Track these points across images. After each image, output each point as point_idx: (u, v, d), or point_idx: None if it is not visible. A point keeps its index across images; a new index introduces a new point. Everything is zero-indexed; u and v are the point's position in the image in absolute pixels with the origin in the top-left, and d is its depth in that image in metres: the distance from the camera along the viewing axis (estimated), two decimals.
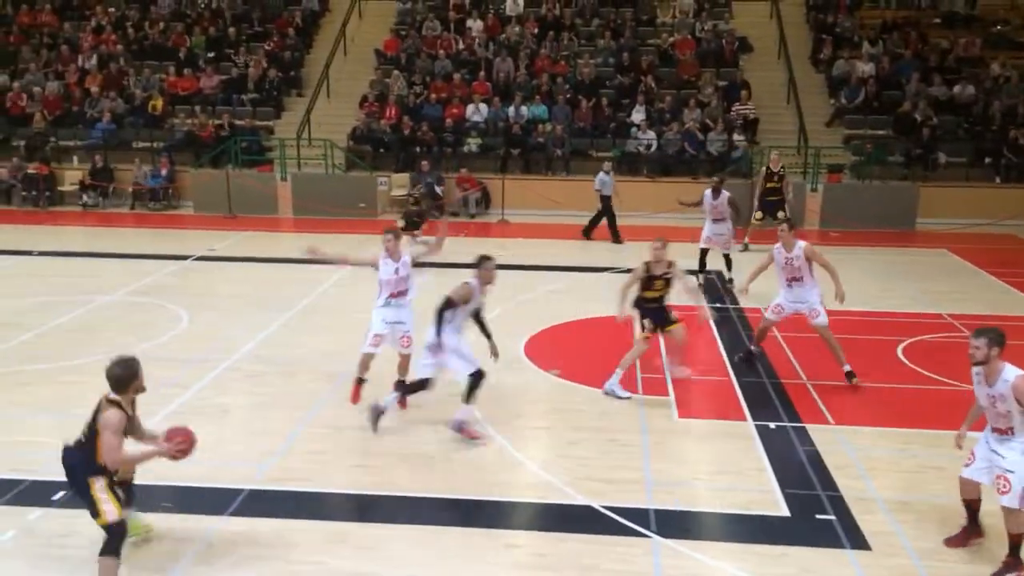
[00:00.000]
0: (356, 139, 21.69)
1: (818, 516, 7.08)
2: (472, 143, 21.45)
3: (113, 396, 5.99)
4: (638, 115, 21.46)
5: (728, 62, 23.26)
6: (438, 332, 8.33)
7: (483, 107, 22.04)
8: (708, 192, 14.49)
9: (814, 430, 8.69)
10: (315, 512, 7.19)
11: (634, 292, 9.67)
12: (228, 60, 24.52)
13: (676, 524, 6.98)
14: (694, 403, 9.50)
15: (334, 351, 10.98)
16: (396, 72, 23.14)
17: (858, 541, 6.71)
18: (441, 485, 7.61)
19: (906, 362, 10.74)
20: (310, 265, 15.04)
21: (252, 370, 10.33)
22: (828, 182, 19.81)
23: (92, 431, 5.96)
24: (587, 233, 17.95)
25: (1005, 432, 6.25)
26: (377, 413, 8.53)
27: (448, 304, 8.38)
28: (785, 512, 7.18)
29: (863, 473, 7.81)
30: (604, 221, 17.81)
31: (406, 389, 8.89)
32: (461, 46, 24.31)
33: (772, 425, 8.83)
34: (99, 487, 5.92)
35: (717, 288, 14.20)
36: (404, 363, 9.17)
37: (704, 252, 14.39)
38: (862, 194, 19.21)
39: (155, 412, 9.10)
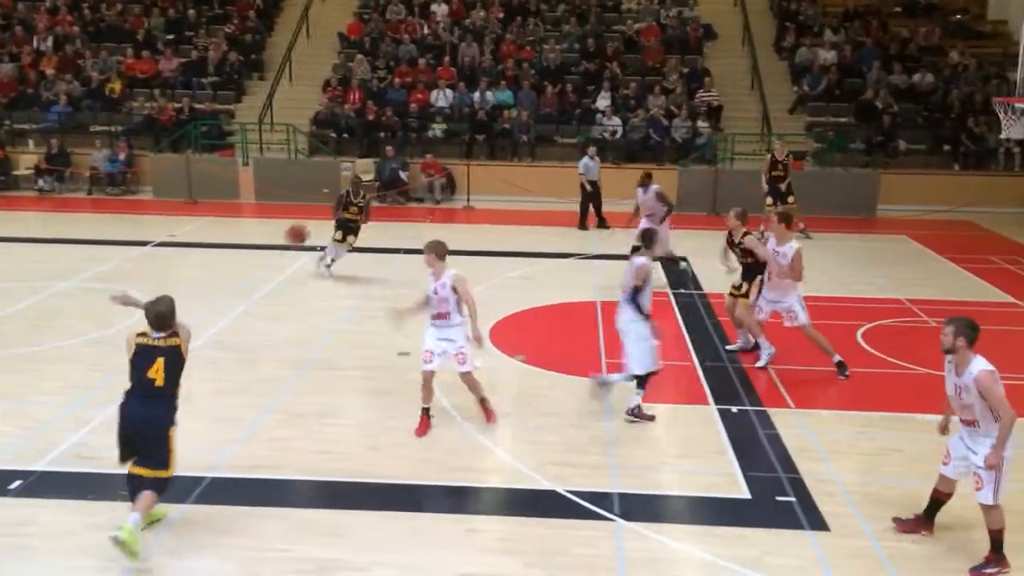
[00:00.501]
0: (319, 124, 21.48)
1: (778, 498, 7.18)
2: (437, 128, 21.33)
3: (159, 334, 6.22)
4: (603, 101, 21.49)
5: (693, 49, 23.36)
6: (646, 316, 8.46)
7: (448, 92, 21.92)
8: (639, 188, 14.17)
9: (775, 414, 8.80)
10: (280, 499, 7.14)
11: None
12: (188, 43, 24.12)
13: (639, 507, 7.04)
14: (658, 388, 9.54)
15: (297, 338, 10.90)
16: (360, 56, 22.92)
17: (817, 522, 6.82)
18: (407, 471, 7.59)
19: (866, 346, 10.90)
20: (272, 251, 14.92)
21: (213, 357, 10.21)
22: (792, 169, 19.96)
23: (172, 373, 6.14)
24: (582, 225, 17.70)
25: (971, 424, 6.27)
26: (604, 385, 8.57)
27: (637, 290, 8.47)
28: (746, 495, 7.27)
29: (823, 456, 7.92)
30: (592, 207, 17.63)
31: (641, 382, 8.62)
32: (426, 31, 24.14)
33: (734, 409, 8.92)
34: (175, 439, 6.23)
35: (681, 272, 14.27)
36: (467, 382, 8.47)
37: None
38: (824, 181, 19.41)
39: (113, 400, 8.96)
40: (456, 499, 7.20)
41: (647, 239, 9.00)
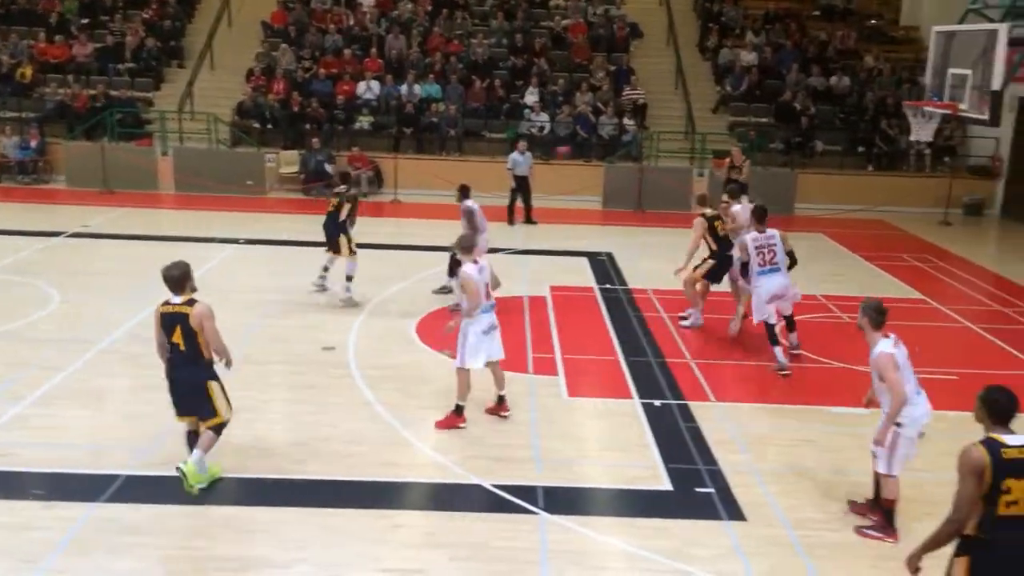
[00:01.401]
0: (242, 114, 21.02)
1: (698, 489, 7.34)
2: (364, 121, 21.10)
3: (178, 299, 6.77)
4: (531, 97, 21.56)
5: (619, 47, 23.61)
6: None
7: (375, 84, 21.70)
8: None
9: (696, 407, 8.99)
10: (198, 497, 6.96)
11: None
12: (103, 27, 23.33)
13: (563, 500, 7.12)
14: (583, 382, 9.67)
15: (221, 330, 10.64)
16: (284, 46, 22.51)
17: (735, 512, 7.00)
18: (330, 467, 7.52)
19: (784, 342, 11.17)
20: (195, 242, 14.57)
21: (131, 351, 9.92)
22: (714, 167, 20.41)
23: (189, 337, 6.67)
24: (509, 220, 17.66)
25: (881, 404, 6.63)
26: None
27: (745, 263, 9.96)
28: (668, 486, 7.42)
29: (741, 447, 8.13)
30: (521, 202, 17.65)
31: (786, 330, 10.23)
32: (352, 21, 23.84)
33: (657, 403, 9.08)
34: (216, 389, 6.86)
35: (606, 268, 14.45)
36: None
37: None
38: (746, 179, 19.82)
39: (23, 395, 8.67)
40: (380, 494, 7.15)
41: None
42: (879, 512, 6.79)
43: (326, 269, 12.40)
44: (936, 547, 4.80)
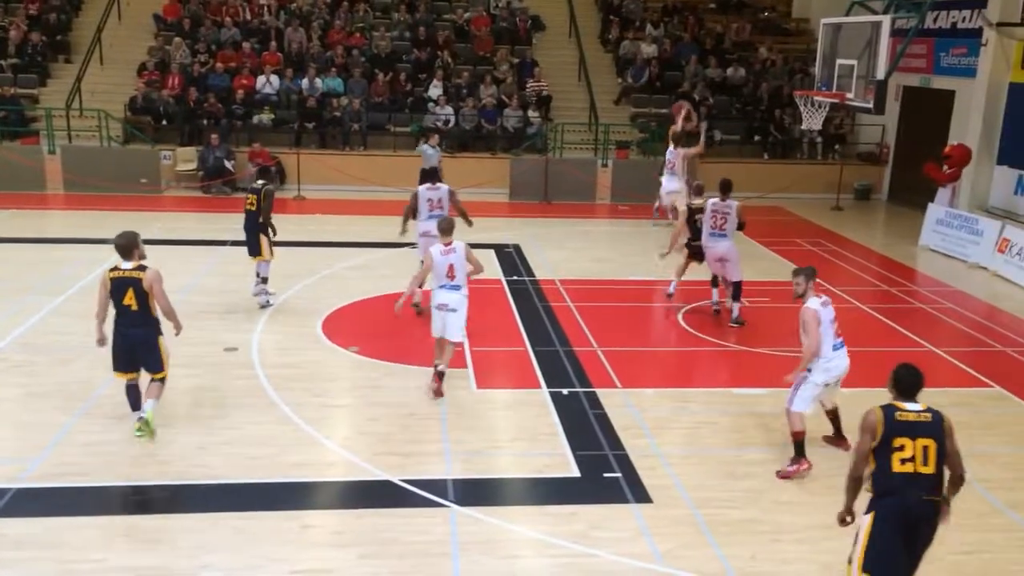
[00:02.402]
0: (135, 110, 20.28)
1: (605, 475, 7.47)
2: (264, 116, 20.62)
3: (128, 264, 7.51)
4: (435, 90, 21.45)
5: (522, 40, 23.71)
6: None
7: (275, 79, 21.23)
8: None
9: (603, 394, 9.13)
10: (95, 507, 6.75)
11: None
12: None
13: (473, 492, 7.15)
14: (491, 374, 9.71)
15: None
16: (178, 39, 21.79)
17: (641, 495, 7.15)
18: (235, 470, 7.35)
19: (686, 327, 11.49)
20: (87, 244, 14.00)
21: (18, 359, 9.50)
22: (617, 158, 20.74)
23: (141, 298, 7.43)
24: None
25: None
26: None
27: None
28: (576, 473, 7.52)
29: (646, 432, 8.30)
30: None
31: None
32: (249, 14, 23.26)
33: (565, 391, 9.19)
34: (164, 345, 7.68)
35: (513, 260, 14.52)
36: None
37: None
38: (648, 169, 20.17)
39: None
40: (288, 495, 7.04)
41: None
42: (794, 455, 7.63)
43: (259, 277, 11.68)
44: (849, 500, 5.52)
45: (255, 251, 11.46)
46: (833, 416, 8.13)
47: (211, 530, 6.48)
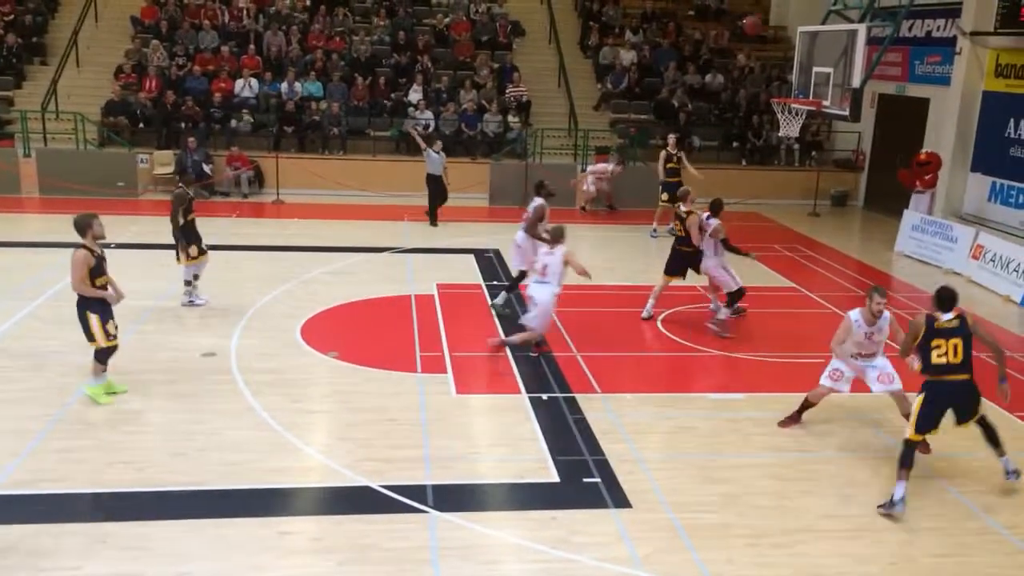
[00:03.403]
0: (111, 113, 20.10)
1: (585, 479, 7.49)
2: (243, 120, 20.52)
3: (80, 242, 8.23)
4: (415, 95, 21.45)
5: (502, 45, 23.76)
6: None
7: (253, 82, 21.13)
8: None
9: (583, 399, 9.16)
10: (70, 515, 6.68)
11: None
12: None
13: (453, 498, 7.14)
14: (471, 379, 9.71)
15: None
16: (155, 42, 21.65)
17: (620, 500, 7.18)
18: (214, 477, 7.30)
19: (665, 332, 11.54)
20: (63, 248, 13.83)
21: None
22: (596, 163, 20.78)
23: (73, 275, 8.22)
24: (431, 218, 17.46)
25: None
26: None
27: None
28: (555, 478, 7.54)
29: (625, 437, 8.33)
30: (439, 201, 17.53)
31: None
32: (228, 18, 23.15)
33: (545, 396, 9.20)
34: (94, 320, 8.35)
35: (493, 265, 14.53)
36: None
37: None
38: (627, 175, 20.19)
39: None
40: (267, 502, 7.00)
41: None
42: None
43: (188, 282, 11.75)
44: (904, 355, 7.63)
45: (178, 256, 11.58)
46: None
47: (189, 537, 6.43)
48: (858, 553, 6.60)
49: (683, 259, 11.79)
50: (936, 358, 7.16)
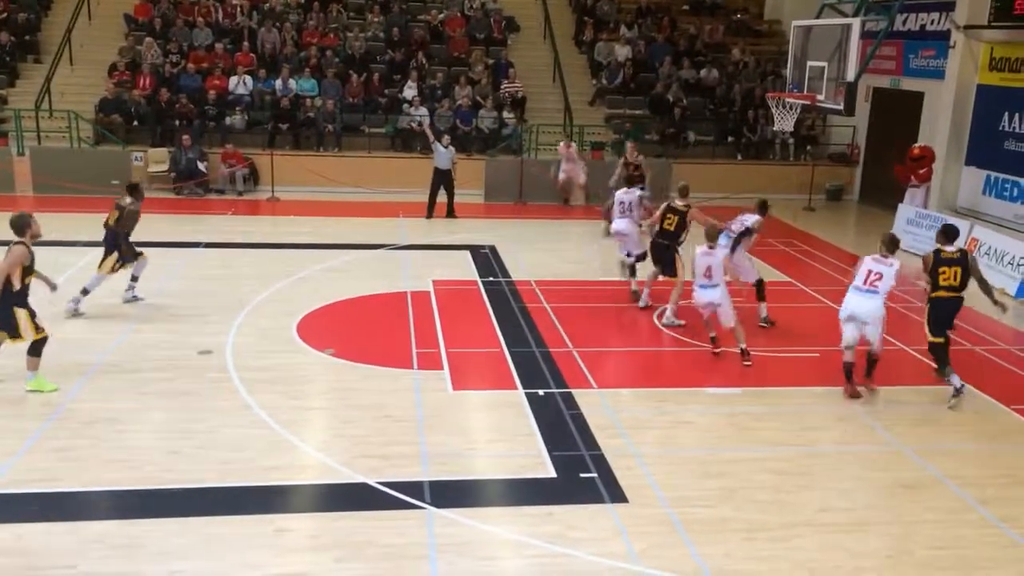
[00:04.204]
0: (105, 110, 20.04)
1: (582, 475, 7.49)
2: (237, 117, 20.46)
3: (17, 239, 8.46)
4: (410, 91, 21.41)
5: (497, 41, 23.72)
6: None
7: (248, 79, 21.08)
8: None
9: (579, 394, 9.15)
10: (66, 514, 6.67)
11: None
12: None
13: (450, 494, 7.13)
14: (468, 375, 9.70)
15: (86, 339, 10.20)
16: (149, 39, 21.58)
17: (617, 495, 7.17)
18: (210, 474, 7.29)
19: (661, 327, 11.53)
20: (57, 247, 13.80)
21: None
22: (592, 159, 20.78)
23: None
24: (450, 212, 17.58)
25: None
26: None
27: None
28: (552, 473, 7.53)
29: (622, 432, 8.33)
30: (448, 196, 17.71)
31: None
32: (221, 15, 23.08)
33: (541, 392, 9.20)
34: (23, 315, 8.49)
35: (489, 261, 14.52)
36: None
37: None
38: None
39: None
40: (263, 499, 6.99)
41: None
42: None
43: (134, 279, 11.70)
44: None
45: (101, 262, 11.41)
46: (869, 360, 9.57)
47: (185, 535, 6.42)
48: (855, 547, 6.61)
49: (660, 251, 11.81)
50: (942, 281, 9.17)
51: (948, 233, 9.32)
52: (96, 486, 7.08)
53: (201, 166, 19.04)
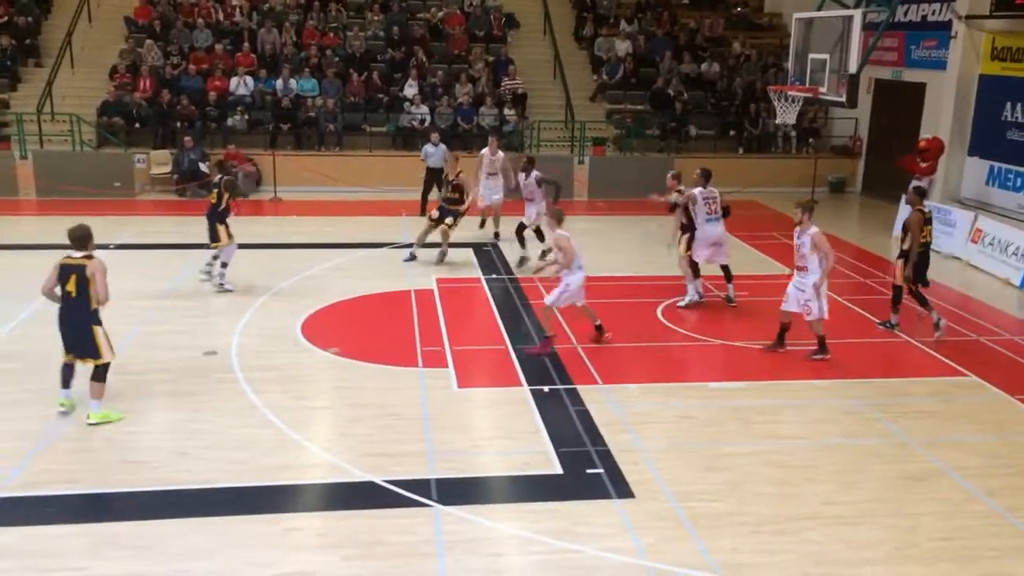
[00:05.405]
0: (107, 113, 20.08)
1: (588, 471, 7.51)
2: (238, 118, 20.49)
3: (79, 253, 7.90)
4: (410, 89, 21.42)
5: (497, 38, 23.72)
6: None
7: (248, 80, 21.10)
8: (521, 172, 14.39)
9: (584, 391, 9.17)
10: (79, 515, 6.72)
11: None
12: None
13: (457, 491, 7.16)
14: (472, 373, 9.73)
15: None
16: (149, 42, 21.61)
17: (623, 490, 7.20)
18: (218, 475, 7.32)
19: (665, 322, 11.55)
20: (60, 250, 13.83)
21: None
22: (593, 155, 20.80)
23: (82, 285, 7.79)
24: (423, 212, 17.44)
25: (803, 269, 9.88)
26: None
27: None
28: (558, 470, 7.56)
29: (628, 427, 8.35)
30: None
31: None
32: (221, 16, 23.10)
33: (546, 389, 9.22)
34: (100, 334, 8.02)
35: (493, 259, 14.53)
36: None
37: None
38: (623, 165, 20.31)
39: None
40: (271, 499, 7.03)
41: None
42: (818, 349, 10.05)
43: (215, 258, 12.51)
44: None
45: (215, 238, 12.25)
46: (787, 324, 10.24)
47: (195, 535, 6.46)
48: (861, 539, 6.63)
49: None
50: (926, 236, 10.82)
51: (925, 195, 11.50)
52: (107, 487, 7.12)
53: (203, 167, 19.06)
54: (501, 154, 15.33)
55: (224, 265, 12.33)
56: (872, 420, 8.70)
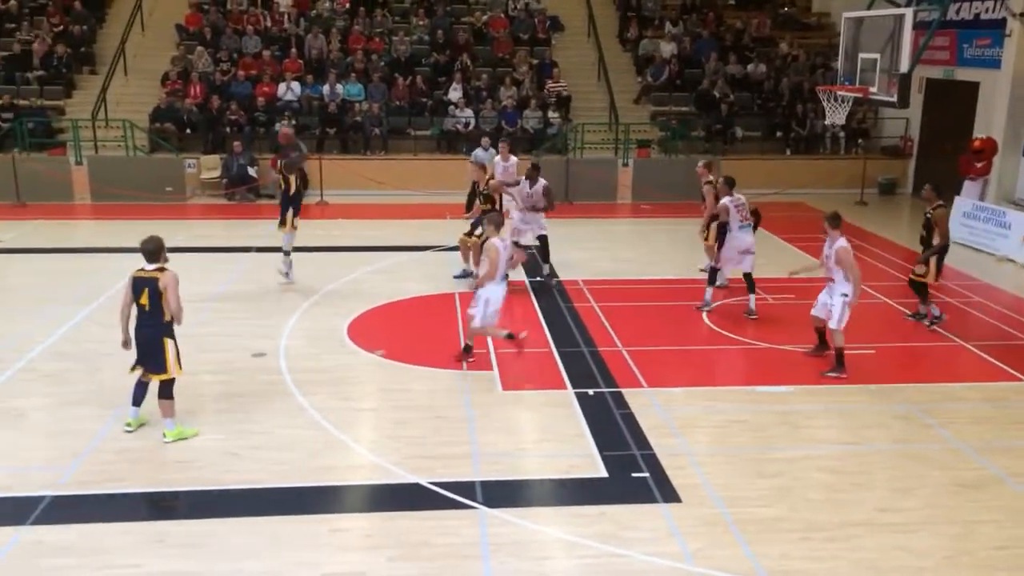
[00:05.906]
0: (159, 119, 20.49)
1: (633, 475, 7.47)
2: (286, 123, 20.73)
3: (151, 266, 7.80)
4: (455, 93, 21.52)
5: (541, 41, 23.73)
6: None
7: (296, 85, 21.39)
8: (525, 180, 13.80)
9: (629, 394, 9.12)
10: (130, 514, 6.85)
11: None
12: (9, 35, 22.48)
13: (502, 494, 7.16)
14: (517, 375, 9.71)
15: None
16: (200, 48, 22.02)
17: (670, 495, 7.14)
18: (266, 475, 7.42)
19: (711, 325, 11.45)
20: (113, 253, 14.18)
21: (51, 369, 9.64)
22: (638, 157, 20.69)
23: (155, 298, 7.69)
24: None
25: (831, 280, 9.65)
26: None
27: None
28: (604, 473, 7.52)
29: (674, 431, 8.29)
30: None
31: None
32: (269, 22, 23.44)
33: (591, 392, 9.19)
34: (171, 348, 7.84)
35: (536, 260, 14.51)
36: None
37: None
38: (669, 168, 20.18)
39: None
40: (318, 499, 7.10)
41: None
42: (834, 363, 9.65)
43: (287, 254, 12.88)
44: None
45: (283, 222, 12.72)
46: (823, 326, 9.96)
47: (242, 535, 6.55)
48: (914, 547, 6.49)
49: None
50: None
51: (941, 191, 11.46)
52: (158, 487, 7.26)
53: (252, 172, 19.36)
54: (514, 159, 14.92)
55: (287, 253, 12.76)
56: (925, 425, 8.52)
